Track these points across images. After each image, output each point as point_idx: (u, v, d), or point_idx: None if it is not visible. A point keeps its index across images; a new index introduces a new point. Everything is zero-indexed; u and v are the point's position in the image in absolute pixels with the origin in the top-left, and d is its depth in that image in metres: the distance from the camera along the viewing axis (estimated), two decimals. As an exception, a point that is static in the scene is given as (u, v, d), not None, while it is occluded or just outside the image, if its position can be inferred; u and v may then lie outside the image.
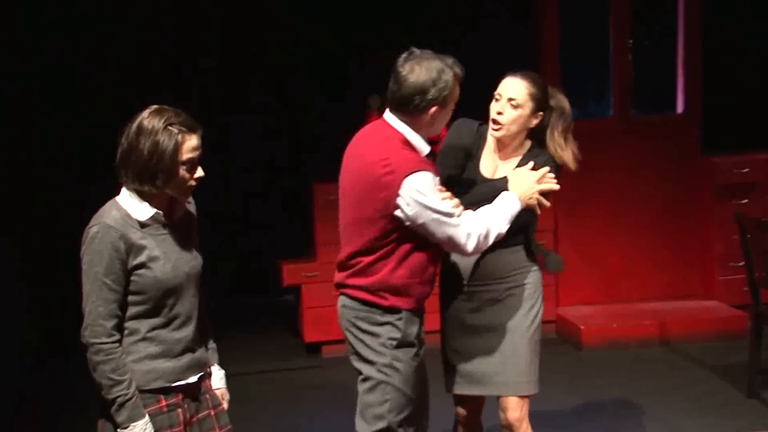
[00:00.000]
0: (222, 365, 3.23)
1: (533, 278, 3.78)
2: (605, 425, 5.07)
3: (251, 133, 7.10)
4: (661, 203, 6.90)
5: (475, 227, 3.39)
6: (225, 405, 3.16)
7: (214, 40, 6.97)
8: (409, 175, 3.30)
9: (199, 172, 2.92)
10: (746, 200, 6.69)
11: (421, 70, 3.33)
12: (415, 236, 3.39)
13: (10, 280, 5.40)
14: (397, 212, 3.33)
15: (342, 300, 3.55)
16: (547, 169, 3.60)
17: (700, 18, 6.79)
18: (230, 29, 7.00)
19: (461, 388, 3.83)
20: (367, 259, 3.42)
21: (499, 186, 3.60)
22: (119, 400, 2.83)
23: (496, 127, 3.68)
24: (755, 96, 7.16)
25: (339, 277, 3.55)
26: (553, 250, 3.92)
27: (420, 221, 3.33)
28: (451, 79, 3.35)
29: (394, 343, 3.44)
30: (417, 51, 3.39)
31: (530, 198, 3.56)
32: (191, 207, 3.07)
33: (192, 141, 2.87)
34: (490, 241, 3.43)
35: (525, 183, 3.57)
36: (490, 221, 3.43)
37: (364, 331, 3.48)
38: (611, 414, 5.16)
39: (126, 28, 6.76)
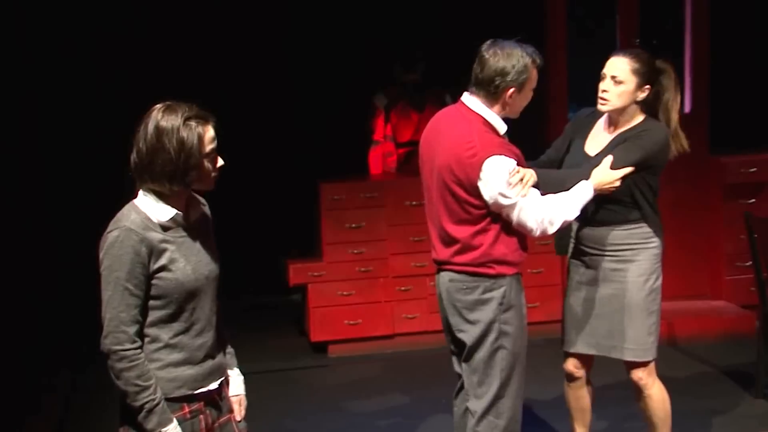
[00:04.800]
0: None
1: (650, 254, 4.06)
2: (612, 425, 5.05)
3: (258, 131, 7.10)
4: (669, 203, 6.85)
5: (543, 214, 3.64)
6: (243, 412, 3.10)
7: (221, 36, 6.97)
8: (489, 158, 3.55)
9: (220, 162, 2.89)
10: (754, 200, 6.67)
11: (503, 54, 3.61)
12: None
13: (22, 280, 5.41)
14: (480, 192, 3.58)
15: (447, 275, 3.78)
16: (630, 169, 3.86)
17: (708, 18, 6.77)
18: (238, 27, 7.01)
19: (579, 348, 4.19)
20: (465, 236, 3.67)
21: (584, 176, 3.84)
22: (147, 406, 2.77)
23: (603, 102, 3.98)
24: (763, 96, 7.14)
25: (442, 254, 3.77)
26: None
27: (492, 202, 3.59)
28: (530, 65, 3.63)
29: (503, 307, 3.69)
30: (500, 40, 3.66)
31: (606, 188, 3.85)
32: (206, 209, 3.02)
33: (210, 132, 2.84)
34: (556, 226, 3.69)
35: (606, 178, 3.85)
36: (558, 209, 3.68)
37: (475, 300, 3.71)
38: (617, 414, 5.15)
39: (130, 23, 6.77)
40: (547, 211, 3.65)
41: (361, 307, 6.40)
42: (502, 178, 3.55)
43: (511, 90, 3.62)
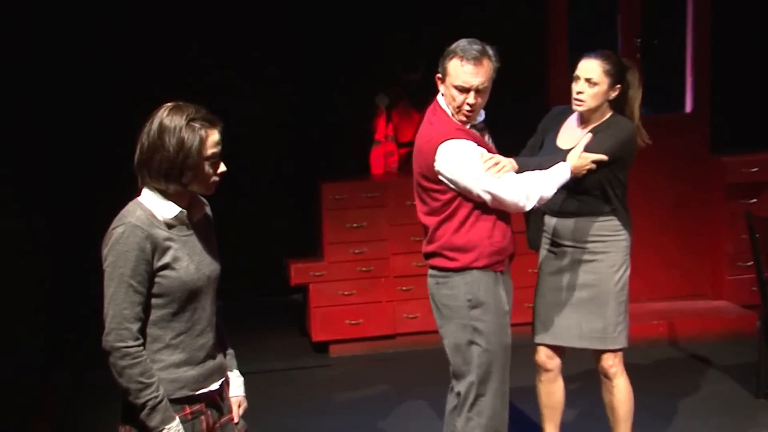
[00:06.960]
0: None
1: (620, 246, 4.16)
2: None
3: (259, 131, 7.10)
4: (670, 203, 6.88)
5: (520, 188, 3.64)
6: (241, 413, 3.09)
7: (222, 36, 6.97)
8: (442, 142, 3.61)
9: (222, 167, 2.87)
10: (755, 200, 6.67)
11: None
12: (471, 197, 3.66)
13: (22, 279, 5.41)
14: (441, 177, 3.62)
15: (430, 272, 3.86)
16: (602, 157, 3.95)
17: (709, 17, 6.77)
18: (240, 28, 7.00)
19: (546, 338, 4.26)
20: (432, 224, 3.73)
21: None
22: (150, 403, 2.76)
23: (578, 103, 4.12)
24: (764, 95, 7.13)
25: (424, 247, 3.86)
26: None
27: (461, 184, 3.62)
28: (450, 56, 3.66)
29: (471, 303, 3.70)
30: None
31: (581, 170, 3.90)
32: (208, 210, 3.02)
33: (214, 135, 2.83)
34: (534, 201, 3.69)
35: (581, 160, 3.90)
36: (535, 183, 3.69)
37: (445, 295, 3.76)
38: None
39: (132, 24, 6.78)
40: (524, 186, 3.67)
41: (363, 307, 6.40)
42: (463, 157, 3.60)
43: (438, 77, 3.72)
